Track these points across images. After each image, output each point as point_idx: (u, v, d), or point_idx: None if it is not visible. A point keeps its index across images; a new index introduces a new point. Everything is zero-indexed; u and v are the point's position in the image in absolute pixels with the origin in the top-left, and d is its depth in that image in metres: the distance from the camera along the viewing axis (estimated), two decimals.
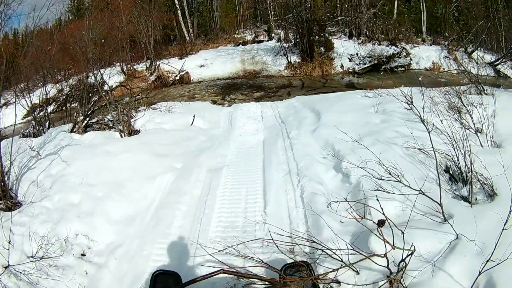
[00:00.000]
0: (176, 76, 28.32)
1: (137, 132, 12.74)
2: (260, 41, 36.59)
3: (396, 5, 37.49)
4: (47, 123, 14.33)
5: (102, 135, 12.10)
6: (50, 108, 16.53)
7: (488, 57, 27.19)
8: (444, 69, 25.97)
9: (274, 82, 25.17)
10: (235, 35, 42.26)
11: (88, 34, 21.63)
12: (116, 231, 7.23)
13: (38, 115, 14.93)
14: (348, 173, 7.52)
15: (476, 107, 8.83)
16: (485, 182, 6.00)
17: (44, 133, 13.37)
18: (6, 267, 5.87)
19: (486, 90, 11.15)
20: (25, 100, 16.48)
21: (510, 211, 3.98)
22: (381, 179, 5.92)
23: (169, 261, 6.30)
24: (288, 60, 27.69)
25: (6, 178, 8.06)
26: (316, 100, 15.07)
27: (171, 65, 29.10)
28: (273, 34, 36.66)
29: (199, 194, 8.32)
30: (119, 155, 10.13)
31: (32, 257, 6.21)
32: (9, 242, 6.05)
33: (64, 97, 23.54)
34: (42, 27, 40.09)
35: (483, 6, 36.29)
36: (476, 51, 27.53)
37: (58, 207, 7.77)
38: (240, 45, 35.45)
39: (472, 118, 8.55)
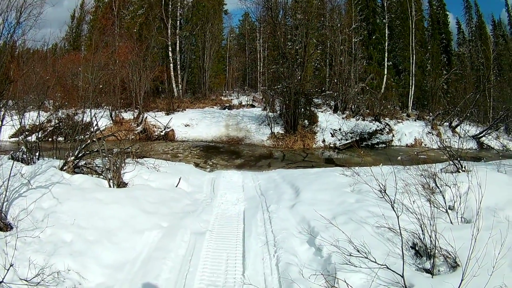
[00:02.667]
0: (162, 131, 29.36)
1: (125, 184, 13.63)
2: (247, 106, 38.33)
3: (385, 79, 39.69)
4: (37, 153, 14.89)
5: (92, 181, 12.98)
6: (37, 136, 17.08)
7: (473, 130, 29.36)
8: (425, 145, 27.61)
9: (255, 151, 26.19)
10: (222, 97, 43.75)
11: (84, 72, 22.79)
12: (106, 274, 8.14)
13: (28, 141, 15.47)
14: (321, 248, 8.67)
15: (449, 187, 10.15)
16: (449, 256, 7.25)
17: (34, 162, 14.11)
18: None
19: (464, 166, 12.35)
20: (13, 120, 16.82)
21: (461, 279, 5.22)
22: (350, 255, 7.09)
23: None
24: (271, 131, 28.87)
25: None
26: (296, 176, 16.20)
27: (158, 120, 30.19)
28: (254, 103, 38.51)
29: (184, 253, 9.26)
30: (109, 204, 11.06)
31: (26, 280, 7.02)
32: (11, 265, 6.87)
33: (52, 128, 24.39)
34: (38, 48, 41.52)
35: (474, 77, 38.68)
36: (461, 124, 29.40)
37: (51, 241, 8.63)
38: (226, 109, 36.83)
39: (444, 198, 9.82)
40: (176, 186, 14.75)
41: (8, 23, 13.57)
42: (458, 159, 12.76)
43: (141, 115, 30.53)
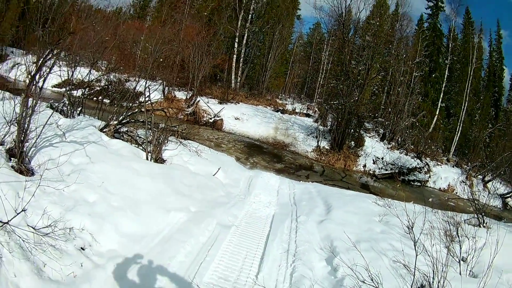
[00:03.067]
0: (211, 118, 29.37)
1: (163, 161, 13.41)
2: (300, 114, 37.79)
3: (435, 119, 39.69)
4: (79, 108, 14.91)
5: (130, 149, 12.76)
6: (82, 92, 16.99)
7: (502, 189, 28.46)
8: (457, 192, 27.33)
9: (297, 160, 25.94)
10: (277, 99, 43.50)
11: (146, 42, 22.80)
12: (122, 243, 7.86)
13: (72, 95, 15.40)
14: (337, 268, 8.43)
15: (468, 239, 9.89)
16: None
17: (74, 117, 14.03)
18: (3, 223, 6.32)
19: (486, 222, 12.06)
20: (61, 70, 16.51)
21: None
22: (363, 281, 6.71)
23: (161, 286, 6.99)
24: (318, 144, 28.60)
25: (24, 141, 8.66)
26: (331, 193, 15.89)
27: (209, 106, 30.20)
28: (309, 112, 38.17)
29: (205, 242, 8.96)
30: (142, 176, 10.80)
31: (34, 228, 6.70)
32: (23, 210, 6.57)
33: (100, 88, 24.54)
34: (102, 8, 42.26)
35: None
36: (493, 181, 28.97)
37: (73, 197, 8.36)
38: (279, 112, 36.50)
39: (460, 248, 9.54)
40: (214, 175, 14.43)
41: None
42: (482, 214, 12.49)
43: (194, 98, 30.47)
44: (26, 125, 8.62)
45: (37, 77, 9.04)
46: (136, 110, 15.55)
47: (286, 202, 14.27)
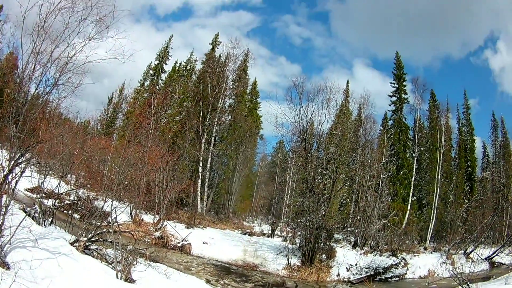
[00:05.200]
0: (179, 242, 29.03)
1: (133, 281, 13.30)
2: (268, 235, 37.95)
3: (407, 214, 40.61)
4: (50, 218, 15.04)
5: (101, 267, 12.90)
6: (53, 203, 17.27)
7: (487, 252, 29.14)
8: (438, 274, 27.04)
9: (268, 279, 25.64)
10: (245, 222, 43.89)
11: (112, 162, 23.25)
12: None
13: (44, 204, 15.63)
14: None
15: None
16: None
17: (45, 225, 14.20)
18: None
19: None
20: (32, 176, 17.29)
21: None
22: None
23: None
24: (288, 262, 28.32)
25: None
26: None
27: (177, 231, 30.10)
28: (276, 232, 38.24)
29: None
30: None
31: None
32: None
33: (69, 202, 24.54)
34: (70, 118, 42.91)
35: (494, 199, 38.38)
36: (476, 249, 29.52)
37: None
38: (247, 235, 36.66)
39: None
40: None
41: (45, 79, 14.09)
42: (468, 283, 13.37)
43: (161, 222, 30.49)
44: (0, 221, 8.85)
45: (9, 177, 9.25)
46: (105, 230, 15.68)
47: None
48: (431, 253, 32.60)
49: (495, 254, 28.94)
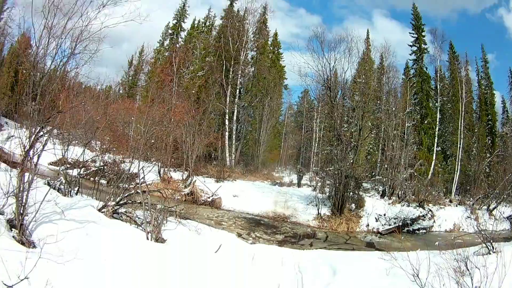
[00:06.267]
0: (209, 197, 29.35)
1: (164, 240, 13.26)
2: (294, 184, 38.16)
3: (433, 165, 40.53)
4: (76, 188, 15.21)
5: (130, 230, 12.94)
6: (78, 172, 17.38)
7: (509, 211, 29.03)
8: (463, 229, 26.89)
9: (299, 230, 25.82)
10: (274, 173, 43.84)
11: (136, 123, 23.19)
12: None
13: (68, 174, 15.92)
14: None
15: (478, 269, 9.72)
16: None
17: (71, 196, 14.35)
18: (8, 287, 6.55)
19: (495, 248, 12.48)
20: (55, 149, 17.16)
21: None
22: None
23: None
24: (318, 212, 28.35)
25: (24, 214, 8.78)
26: (335, 257, 16.07)
27: (206, 185, 30.30)
28: (304, 181, 38.58)
29: None
30: (143, 257, 10.87)
31: None
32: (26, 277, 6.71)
33: (95, 169, 24.79)
34: (91, 86, 43.20)
35: None
36: (498, 207, 29.59)
37: (74, 274, 8.33)
38: (277, 185, 36.79)
39: (472, 280, 9.45)
40: (215, 252, 14.23)
41: (61, 50, 13.86)
42: (491, 241, 13.05)
43: (190, 178, 30.64)
44: (24, 200, 8.74)
45: (31, 153, 9.20)
46: (133, 191, 15.72)
47: (291, 271, 14.00)
48: (456, 206, 32.62)
49: None
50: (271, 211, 29.26)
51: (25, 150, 9.30)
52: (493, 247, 12.63)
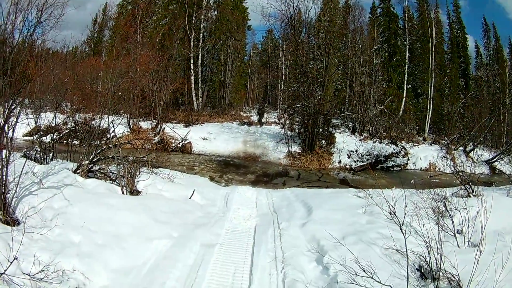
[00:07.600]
0: (179, 143, 29.59)
1: (139, 192, 13.83)
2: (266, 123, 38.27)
3: (403, 102, 40.53)
4: (51, 154, 15.32)
5: (105, 186, 13.28)
6: (51, 137, 17.54)
7: (486, 155, 29.68)
8: (439, 169, 27.58)
9: (271, 169, 26.22)
10: (242, 113, 43.95)
11: (103, 78, 23.12)
12: (112, 278, 8.28)
13: (42, 141, 16.00)
14: (328, 266, 8.83)
15: (459, 211, 10.43)
16: (453, 278, 7.36)
17: (47, 163, 14.47)
18: (0, 274, 6.76)
19: (475, 191, 12.72)
20: (28, 118, 17.46)
21: None
22: (356, 274, 7.15)
23: None
24: (289, 149, 28.78)
25: (5, 193, 9.02)
26: (309, 195, 16.45)
27: (176, 131, 30.43)
28: (266, 119, 38.88)
29: (192, 264, 9.34)
30: (121, 210, 11.27)
31: (29, 275, 7.13)
32: (15, 258, 7.00)
33: (67, 131, 24.85)
34: (58, 50, 42.37)
35: (490, 101, 38.88)
36: (475, 149, 29.93)
37: (58, 240, 8.81)
38: (245, 125, 36.92)
39: (453, 221, 10.10)
40: (190, 198, 14.84)
41: (28, 21, 13.97)
42: (470, 183, 13.18)
43: (159, 126, 30.80)
44: (4, 178, 8.99)
45: (6, 127, 9.43)
46: (105, 147, 15.89)
47: (266, 212, 14.62)
48: (431, 144, 32.93)
49: (495, 160, 29.24)
50: (242, 151, 29.69)
51: (1, 126, 9.48)
52: (472, 190, 12.90)
